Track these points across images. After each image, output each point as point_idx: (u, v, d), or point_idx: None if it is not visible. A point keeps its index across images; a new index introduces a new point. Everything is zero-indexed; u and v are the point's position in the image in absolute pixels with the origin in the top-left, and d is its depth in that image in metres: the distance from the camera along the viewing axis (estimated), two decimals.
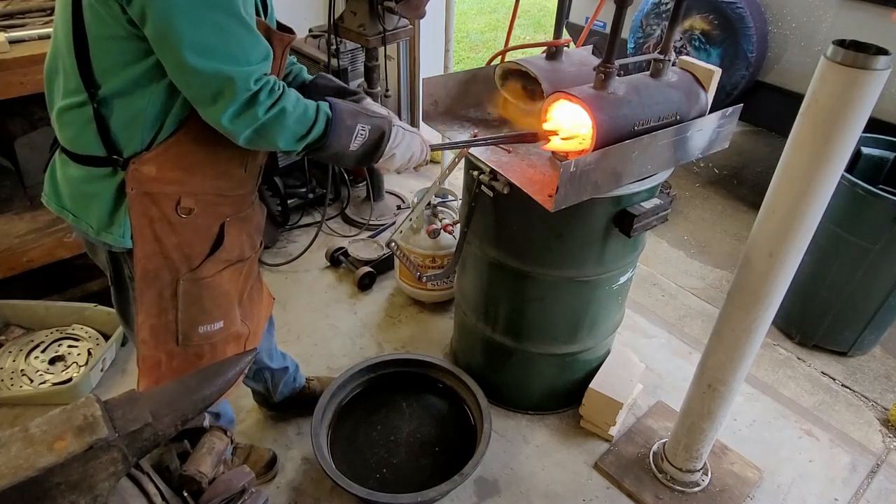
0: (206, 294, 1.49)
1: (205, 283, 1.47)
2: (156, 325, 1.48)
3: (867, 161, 2.59)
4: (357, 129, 1.35)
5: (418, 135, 1.53)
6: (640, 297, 3.01)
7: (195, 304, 1.48)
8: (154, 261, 1.39)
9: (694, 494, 2.07)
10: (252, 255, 1.62)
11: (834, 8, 3.03)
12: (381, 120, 1.42)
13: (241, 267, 1.57)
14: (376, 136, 1.40)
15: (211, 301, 1.51)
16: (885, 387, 2.62)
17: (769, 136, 4.49)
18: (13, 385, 2.28)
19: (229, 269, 1.52)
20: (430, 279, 2.05)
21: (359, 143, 1.37)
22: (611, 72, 1.58)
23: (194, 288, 1.46)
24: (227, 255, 1.50)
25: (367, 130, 1.38)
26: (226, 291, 1.54)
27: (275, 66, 1.34)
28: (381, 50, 2.89)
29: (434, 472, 2.04)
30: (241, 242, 1.54)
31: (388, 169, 1.51)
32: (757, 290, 1.61)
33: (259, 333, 1.81)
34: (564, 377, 2.28)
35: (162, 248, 1.37)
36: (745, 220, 3.67)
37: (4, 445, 0.78)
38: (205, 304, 1.50)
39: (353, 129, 1.35)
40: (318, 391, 2.23)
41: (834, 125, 1.32)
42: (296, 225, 3.30)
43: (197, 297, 1.48)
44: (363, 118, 1.38)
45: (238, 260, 1.54)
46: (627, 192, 1.73)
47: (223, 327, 1.56)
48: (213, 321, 1.54)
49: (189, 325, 1.50)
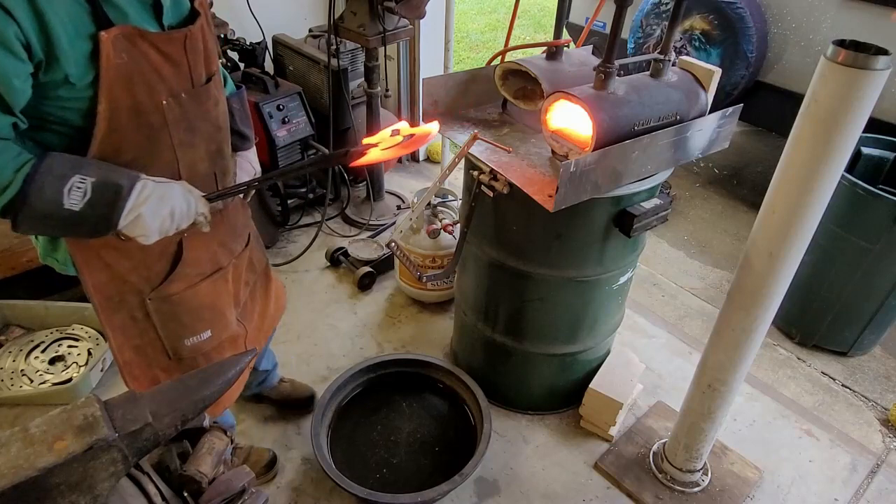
0: (182, 309, 1.44)
1: (176, 299, 1.42)
2: (140, 346, 1.45)
3: (867, 161, 2.59)
4: (72, 179, 1.06)
5: (178, 186, 1.23)
6: (640, 297, 3.01)
7: (172, 320, 1.44)
8: (112, 287, 1.34)
9: (694, 494, 2.07)
10: (233, 262, 1.57)
11: (834, 8, 3.03)
12: (117, 173, 1.14)
13: (222, 275, 1.52)
14: (108, 193, 1.11)
15: (190, 315, 1.46)
16: (885, 387, 2.62)
17: (769, 136, 4.48)
18: (13, 385, 2.28)
19: (207, 282, 1.47)
20: (430, 279, 2.05)
21: (77, 200, 1.07)
22: (611, 72, 1.58)
23: (166, 306, 1.41)
24: (197, 270, 1.45)
25: (90, 184, 1.08)
26: (208, 303, 1.49)
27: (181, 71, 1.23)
28: (381, 50, 2.89)
29: (434, 472, 2.04)
30: (213, 253, 1.49)
31: (144, 237, 1.18)
32: (757, 290, 1.61)
33: (262, 331, 1.78)
34: (564, 377, 2.28)
35: (115, 273, 1.32)
36: (745, 220, 3.67)
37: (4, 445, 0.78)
38: (183, 320, 1.46)
39: (66, 180, 1.06)
40: (285, 394, 2.26)
41: (834, 125, 1.32)
42: (296, 225, 3.30)
43: (171, 313, 1.43)
44: (90, 169, 1.10)
45: (215, 270, 1.49)
46: (627, 192, 1.73)
47: (212, 336, 1.53)
48: (198, 333, 1.50)
49: (174, 341, 1.47)
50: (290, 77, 3.31)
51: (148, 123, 1.20)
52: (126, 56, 1.11)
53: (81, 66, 1.07)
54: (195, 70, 1.28)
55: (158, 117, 1.21)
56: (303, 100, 3.03)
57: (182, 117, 1.27)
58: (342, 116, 3.17)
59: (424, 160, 4.05)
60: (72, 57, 1.05)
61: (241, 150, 1.66)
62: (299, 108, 3.02)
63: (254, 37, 3.12)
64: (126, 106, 1.15)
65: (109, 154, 1.17)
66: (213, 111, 1.37)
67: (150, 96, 1.18)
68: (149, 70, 1.16)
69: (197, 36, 1.27)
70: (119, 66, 1.10)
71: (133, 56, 1.13)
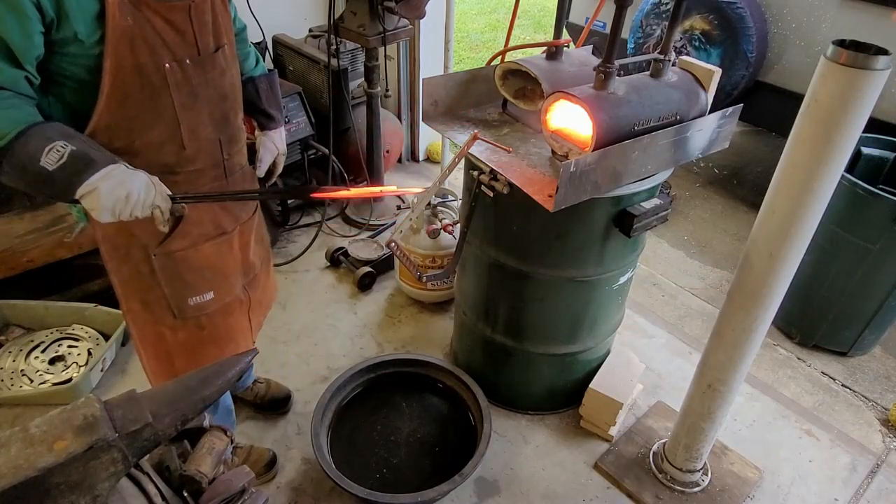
0: (185, 267, 1.51)
1: (179, 256, 1.49)
2: (147, 300, 1.52)
3: (867, 161, 2.59)
4: (56, 143, 1.17)
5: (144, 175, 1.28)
6: (640, 297, 3.01)
7: (176, 278, 1.51)
8: (120, 238, 1.43)
9: (694, 494, 2.07)
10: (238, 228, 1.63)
11: (834, 8, 3.03)
12: (99, 153, 1.23)
13: (227, 239, 1.58)
14: (80, 164, 1.19)
15: (193, 273, 1.52)
16: (885, 387, 2.62)
17: (769, 136, 4.49)
18: (13, 385, 2.28)
19: (210, 243, 1.54)
20: (430, 279, 2.05)
21: (52, 161, 1.16)
22: (611, 72, 1.58)
23: (169, 262, 1.48)
24: (199, 230, 1.51)
25: (69, 151, 1.17)
26: (210, 264, 1.55)
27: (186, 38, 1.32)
28: (381, 50, 2.89)
29: (434, 472, 2.04)
30: (215, 215, 1.55)
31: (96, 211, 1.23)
32: (757, 290, 1.61)
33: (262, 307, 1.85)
34: (564, 377, 2.28)
35: (123, 225, 1.34)
36: (745, 220, 3.67)
37: (4, 445, 0.78)
38: (186, 278, 1.52)
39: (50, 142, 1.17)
40: (259, 394, 2.26)
41: (834, 125, 1.32)
42: (296, 225, 3.30)
43: (175, 271, 1.50)
44: (74, 141, 1.20)
45: (219, 234, 1.56)
46: (627, 192, 1.73)
47: (214, 298, 1.59)
48: (201, 293, 1.56)
49: (178, 299, 1.53)
50: (290, 77, 3.31)
51: (150, 83, 1.29)
52: (131, 19, 1.21)
53: (89, 25, 1.17)
54: (201, 39, 1.37)
55: (160, 78, 1.30)
56: (303, 100, 3.03)
57: (184, 81, 1.35)
58: (342, 116, 3.17)
59: (424, 160, 4.05)
60: (80, 16, 1.16)
61: (268, 130, 1.76)
62: (299, 108, 3.02)
63: (254, 37, 3.09)
64: (129, 65, 1.24)
65: (115, 109, 1.27)
66: (218, 80, 1.44)
67: (152, 58, 1.27)
68: (152, 34, 1.25)
69: (202, 7, 1.35)
70: (124, 27, 1.20)
71: (137, 20, 1.22)
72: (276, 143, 1.77)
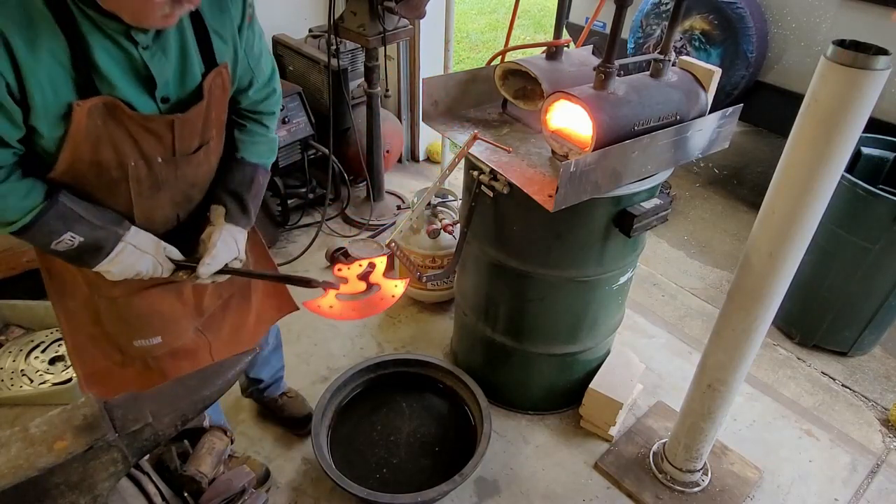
0: (129, 313, 1.45)
1: (121, 302, 1.43)
2: (94, 335, 1.48)
3: (867, 161, 2.59)
4: (63, 237, 1.22)
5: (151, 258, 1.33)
6: (640, 297, 3.01)
7: (120, 320, 1.46)
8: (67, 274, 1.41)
9: (694, 494, 2.07)
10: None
11: (834, 8, 3.03)
12: (107, 234, 1.26)
13: (175, 287, 1.49)
14: (89, 252, 1.26)
15: (138, 319, 1.47)
16: (885, 387, 2.62)
17: (769, 136, 4.48)
18: (13, 385, 2.28)
19: (155, 290, 1.45)
20: (430, 279, 2.05)
21: (63, 248, 1.24)
22: (611, 72, 1.58)
23: (112, 307, 1.44)
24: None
25: (78, 242, 1.23)
26: (156, 311, 1.48)
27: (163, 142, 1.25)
28: (381, 50, 2.89)
29: (434, 472, 2.04)
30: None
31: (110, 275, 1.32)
32: (757, 290, 1.61)
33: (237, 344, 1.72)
34: (564, 377, 2.28)
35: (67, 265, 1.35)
36: (745, 220, 3.67)
37: (4, 445, 0.78)
38: (131, 322, 1.47)
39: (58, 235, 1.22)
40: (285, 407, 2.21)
41: (834, 125, 1.32)
42: (296, 225, 3.30)
43: (118, 315, 1.45)
44: (81, 227, 1.23)
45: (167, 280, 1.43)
46: (627, 192, 1.73)
47: (162, 342, 1.52)
48: (146, 337, 1.50)
49: (123, 339, 1.49)
50: (290, 77, 3.31)
51: (109, 177, 1.24)
52: (100, 122, 1.15)
53: (52, 125, 1.12)
54: (181, 143, 1.29)
55: (121, 173, 1.24)
56: (303, 100, 3.03)
57: (148, 177, 1.28)
58: (342, 116, 3.17)
59: (424, 160, 4.05)
60: (43, 117, 1.10)
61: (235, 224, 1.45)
62: (299, 109, 3.02)
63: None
64: (88, 160, 1.19)
65: (69, 181, 1.22)
66: (191, 172, 1.36)
67: (116, 156, 1.21)
68: (122, 137, 1.19)
69: (191, 120, 1.26)
70: (90, 128, 1.14)
71: (108, 123, 1.16)
72: (238, 243, 1.44)
